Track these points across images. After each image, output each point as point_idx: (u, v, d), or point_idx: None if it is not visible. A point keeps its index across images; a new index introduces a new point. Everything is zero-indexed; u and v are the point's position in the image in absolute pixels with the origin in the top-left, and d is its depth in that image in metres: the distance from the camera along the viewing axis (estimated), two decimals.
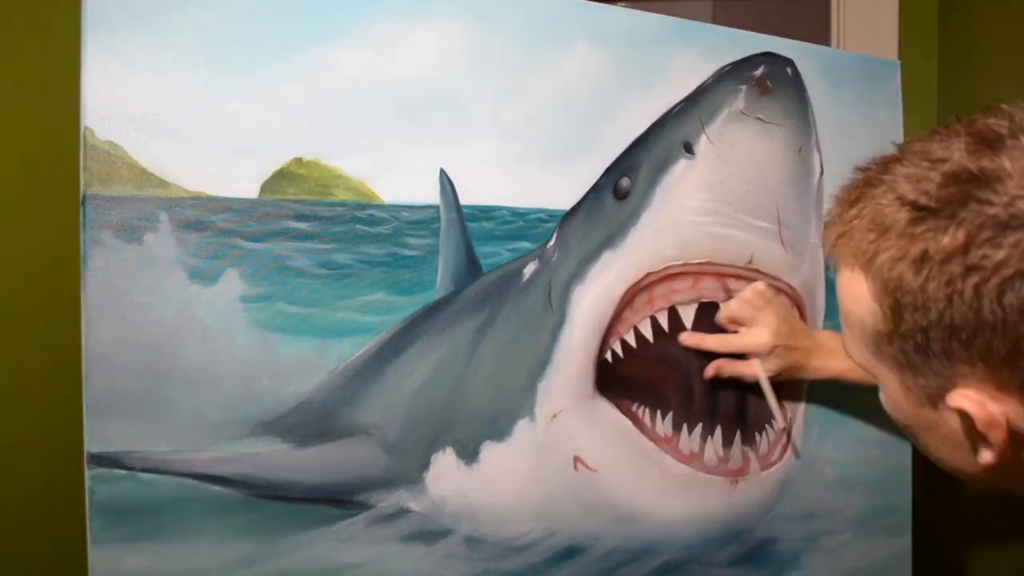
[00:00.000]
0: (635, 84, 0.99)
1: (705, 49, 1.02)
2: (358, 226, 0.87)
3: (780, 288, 1.00)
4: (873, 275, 0.53)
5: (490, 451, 0.91)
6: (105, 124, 0.76)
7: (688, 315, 0.98)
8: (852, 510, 1.15)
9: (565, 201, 0.96)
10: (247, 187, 0.82)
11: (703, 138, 0.96)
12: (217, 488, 0.80)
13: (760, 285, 0.97)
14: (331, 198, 0.85)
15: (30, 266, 1.30)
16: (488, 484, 0.91)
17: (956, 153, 0.50)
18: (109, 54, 0.76)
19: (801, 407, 1.08)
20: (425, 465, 0.89)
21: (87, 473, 0.75)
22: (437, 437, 0.90)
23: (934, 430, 0.57)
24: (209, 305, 0.80)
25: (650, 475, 0.96)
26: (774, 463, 1.05)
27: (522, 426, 0.92)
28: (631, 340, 0.96)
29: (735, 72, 0.99)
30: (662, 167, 0.96)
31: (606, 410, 0.94)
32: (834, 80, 1.12)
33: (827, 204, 1.07)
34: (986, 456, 0.53)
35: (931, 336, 0.51)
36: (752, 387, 1.01)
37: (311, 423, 0.84)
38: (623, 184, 0.96)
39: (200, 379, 0.79)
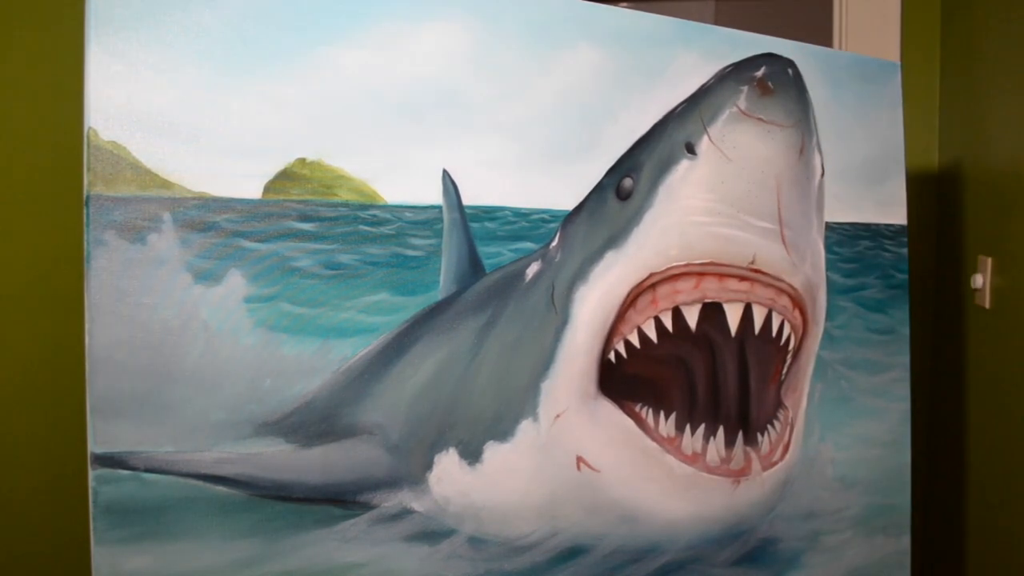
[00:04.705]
0: (637, 85, 1.00)
1: (707, 50, 1.03)
2: (361, 227, 0.87)
3: (782, 288, 1.01)
4: None
5: (493, 451, 0.91)
6: (109, 125, 0.76)
7: (692, 316, 0.98)
8: (852, 510, 1.15)
9: (568, 201, 0.96)
10: (250, 187, 0.82)
11: (705, 138, 0.96)
12: (220, 488, 0.80)
13: None
14: (334, 199, 0.86)
15: (34, 266, 1.30)
16: (491, 484, 0.91)
17: None
18: (113, 55, 0.76)
19: (802, 407, 1.09)
20: (428, 465, 0.89)
21: (91, 473, 0.75)
22: (440, 437, 0.90)
23: None
24: (212, 305, 0.80)
25: (653, 475, 0.96)
26: (775, 463, 1.05)
27: (525, 426, 0.92)
28: (634, 340, 0.96)
29: (736, 73, 0.99)
30: (664, 167, 0.96)
31: (609, 410, 0.95)
32: (835, 81, 1.12)
33: (828, 204, 1.08)
34: None
35: None
36: (755, 387, 1.01)
37: (314, 423, 0.84)
38: (625, 184, 0.96)
39: (203, 379, 0.79)
